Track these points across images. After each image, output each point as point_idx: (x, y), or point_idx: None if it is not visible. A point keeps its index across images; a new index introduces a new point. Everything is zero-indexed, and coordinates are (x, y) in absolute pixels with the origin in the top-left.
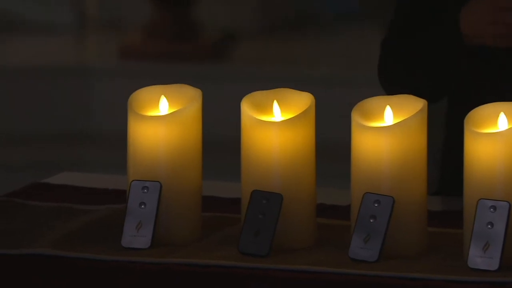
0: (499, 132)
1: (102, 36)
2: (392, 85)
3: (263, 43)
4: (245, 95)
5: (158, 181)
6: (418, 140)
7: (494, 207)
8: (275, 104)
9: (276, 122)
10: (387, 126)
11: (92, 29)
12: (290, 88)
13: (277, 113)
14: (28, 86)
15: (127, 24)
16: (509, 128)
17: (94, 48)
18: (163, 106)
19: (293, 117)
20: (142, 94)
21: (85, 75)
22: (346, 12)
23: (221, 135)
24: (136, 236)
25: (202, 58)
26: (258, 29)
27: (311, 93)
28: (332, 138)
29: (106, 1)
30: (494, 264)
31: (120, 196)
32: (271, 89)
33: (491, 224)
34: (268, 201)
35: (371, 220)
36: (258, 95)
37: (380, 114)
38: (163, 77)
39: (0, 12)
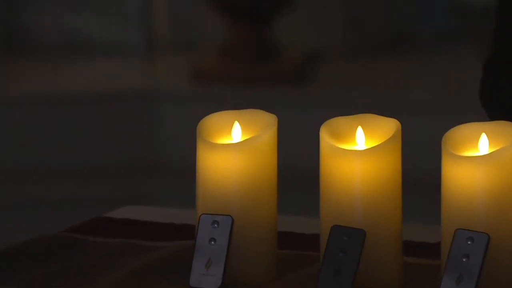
0: None
1: (173, 58)
2: (496, 111)
3: (347, 66)
4: (324, 121)
5: (230, 215)
6: None
7: None
8: (360, 131)
9: (358, 150)
10: (482, 156)
11: (162, 50)
12: (375, 113)
13: (361, 141)
14: (91, 112)
15: (201, 45)
16: None
17: (164, 71)
18: (236, 133)
19: (377, 145)
20: (213, 120)
21: (154, 100)
22: (440, 32)
23: (298, 165)
24: (206, 275)
25: (282, 81)
26: (343, 51)
27: (397, 119)
28: (420, 169)
29: (177, 20)
30: None
31: (188, 231)
32: (353, 114)
33: None
34: (349, 237)
35: (464, 259)
36: (338, 121)
37: (473, 143)
38: (239, 101)
39: (66, 33)
